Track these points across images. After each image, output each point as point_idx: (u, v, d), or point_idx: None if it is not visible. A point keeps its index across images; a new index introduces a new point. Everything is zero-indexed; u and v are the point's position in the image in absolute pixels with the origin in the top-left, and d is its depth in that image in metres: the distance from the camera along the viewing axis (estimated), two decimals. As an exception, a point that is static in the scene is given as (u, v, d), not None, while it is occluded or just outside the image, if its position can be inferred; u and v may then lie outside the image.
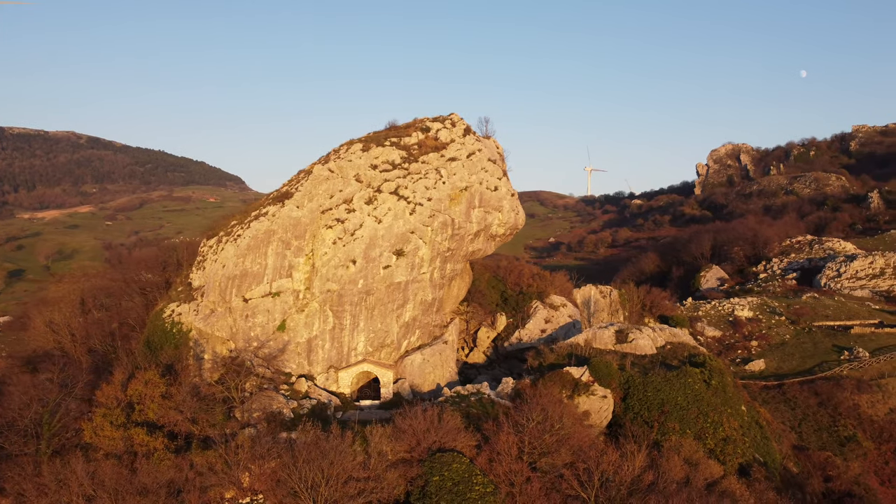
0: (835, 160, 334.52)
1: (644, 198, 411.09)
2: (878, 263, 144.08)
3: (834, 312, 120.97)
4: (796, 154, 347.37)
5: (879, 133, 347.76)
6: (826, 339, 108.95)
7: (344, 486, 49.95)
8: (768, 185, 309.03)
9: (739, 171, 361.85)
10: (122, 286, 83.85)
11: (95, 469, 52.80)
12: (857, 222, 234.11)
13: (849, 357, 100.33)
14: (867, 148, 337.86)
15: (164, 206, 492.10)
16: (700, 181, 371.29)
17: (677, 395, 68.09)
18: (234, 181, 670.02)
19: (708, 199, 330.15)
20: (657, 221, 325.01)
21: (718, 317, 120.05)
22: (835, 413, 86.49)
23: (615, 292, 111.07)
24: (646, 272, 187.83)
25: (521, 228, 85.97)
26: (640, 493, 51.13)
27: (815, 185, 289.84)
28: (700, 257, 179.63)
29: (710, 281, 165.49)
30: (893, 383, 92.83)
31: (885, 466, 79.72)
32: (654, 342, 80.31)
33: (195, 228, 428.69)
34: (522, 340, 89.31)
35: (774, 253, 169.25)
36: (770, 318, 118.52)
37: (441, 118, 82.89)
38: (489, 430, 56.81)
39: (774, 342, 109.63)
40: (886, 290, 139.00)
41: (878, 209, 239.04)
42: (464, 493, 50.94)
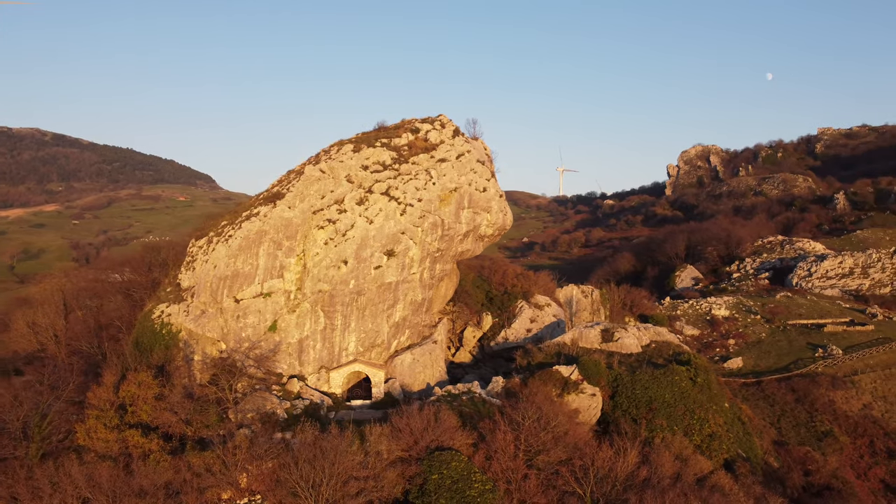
0: (801, 162, 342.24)
1: (616, 198, 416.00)
2: (847, 263, 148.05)
3: (807, 311, 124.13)
4: (764, 156, 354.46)
5: (844, 136, 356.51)
6: (800, 337, 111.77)
7: (344, 485, 50.34)
8: (738, 186, 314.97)
9: (709, 172, 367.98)
10: (107, 287, 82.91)
11: (91, 471, 52.40)
12: (823, 223, 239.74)
13: (823, 354, 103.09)
14: (832, 150, 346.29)
15: (133, 204, 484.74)
16: (671, 182, 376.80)
17: (664, 392, 69.62)
18: (205, 180, 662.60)
19: (679, 200, 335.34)
20: (629, 221, 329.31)
21: (696, 316, 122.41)
22: (811, 409, 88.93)
23: (596, 292, 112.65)
24: (621, 272, 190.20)
25: (508, 229, 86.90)
26: (634, 488, 52.33)
27: (783, 187, 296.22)
28: (675, 257, 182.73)
29: (684, 280, 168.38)
30: (866, 380, 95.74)
31: (860, 460, 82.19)
32: (640, 341, 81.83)
33: (165, 228, 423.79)
34: (509, 340, 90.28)
35: (747, 253, 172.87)
36: (746, 316, 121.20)
37: (430, 119, 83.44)
38: (486, 428, 57.60)
39: (751, 340, 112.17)
40: (855, 290, 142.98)
41: (843, 210, 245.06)
42: (463, 491, 51.62)
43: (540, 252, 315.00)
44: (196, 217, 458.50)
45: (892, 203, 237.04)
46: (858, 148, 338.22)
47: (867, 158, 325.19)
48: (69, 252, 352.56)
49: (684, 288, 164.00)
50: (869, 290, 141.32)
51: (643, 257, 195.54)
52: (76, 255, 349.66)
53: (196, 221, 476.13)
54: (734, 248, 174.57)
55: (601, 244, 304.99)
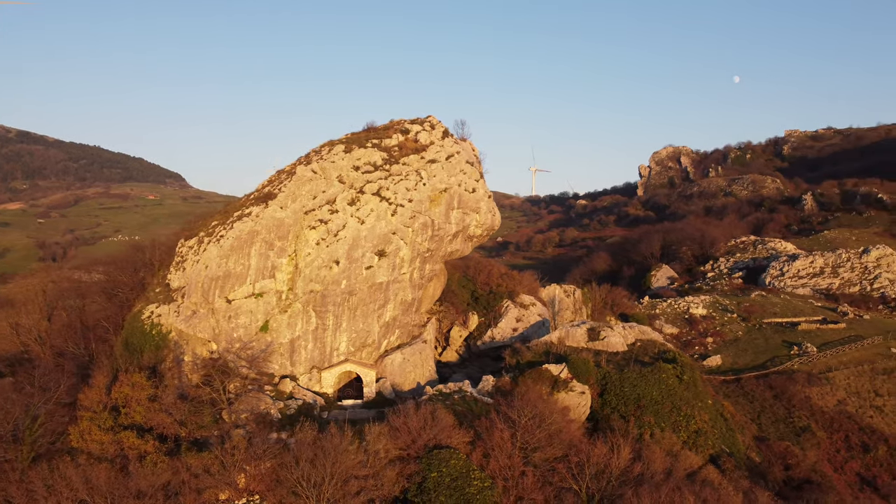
0: (769, 163, 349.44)
1: (588, 198, 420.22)
2: (817, 263, 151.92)
3: (781, 310, 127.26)
4: (733, 157, 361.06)
5: (810, 138, 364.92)
6: (776, 335, 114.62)
7: (345, 484, 50.74)
8: (708, 187, 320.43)
9: (680, 173, 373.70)
10: (90, 287, 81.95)
11: (89, 473, 52.07)
12: (792, 223, 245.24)
13: (798, 352, 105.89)
14: (799, 152, 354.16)
15: (101, 203, 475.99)
16: (643, 182, 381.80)
17: (652, 390, 71.10)
18: (175, 178, 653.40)
19: (651, 200, 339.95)
20: (602, 221, 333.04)
21: (675, 314, 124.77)
22: (789, 405, 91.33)
23: (578, 291, 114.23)
24: (598, 271, 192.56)
25: (496, 229, 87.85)
26: (629, 483, 53.54)
27: (753, 187, 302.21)
28: (650, 257, 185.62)
29: (660, 280, 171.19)
30: (840, 377, 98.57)
31: (836, 455, 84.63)
32: (625, 339, 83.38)
33: (134, 227, 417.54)
34: (496, 339, 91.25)
35: (721, 253, 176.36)
36: (723, 315, 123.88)
37: (420, 120, 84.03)
38: (482, 426, 58.39)
39: (728, 338, 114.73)
40: (826, 289, 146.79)
41: (811, 211, 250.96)
42: (462, 489, 52.35)
43: (514, 252, 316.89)
44: (166, 216, 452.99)
45: (857, 204, 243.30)
46: (824, 150, 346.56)
47: (832, 160, 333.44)
48: (35, 252, 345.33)
49: (660, 287, 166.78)
50: (839, 289, 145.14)
51: (619, 257, 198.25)
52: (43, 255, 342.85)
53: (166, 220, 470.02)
54: (708, 248, 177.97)
55: (575, 244, 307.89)
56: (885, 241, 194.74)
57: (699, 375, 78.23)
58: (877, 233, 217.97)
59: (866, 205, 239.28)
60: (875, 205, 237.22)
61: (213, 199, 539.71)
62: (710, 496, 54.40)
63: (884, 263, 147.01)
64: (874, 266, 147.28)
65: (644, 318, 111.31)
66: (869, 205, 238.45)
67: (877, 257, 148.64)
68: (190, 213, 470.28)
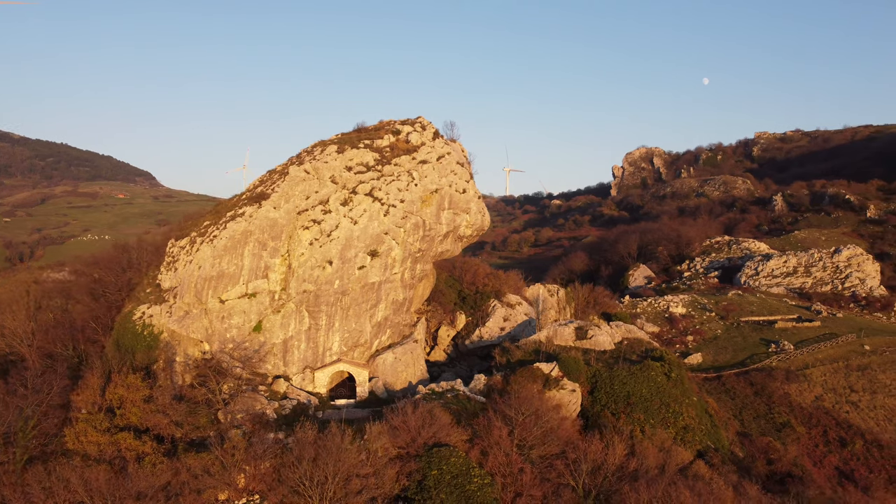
0: (739, 164, 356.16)
1: (562, 198, 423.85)
2: (791, 262, 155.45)
3: (758, 308, 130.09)
4: (705, 158, 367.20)
5: (779, 140, 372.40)
6: (753, 333, 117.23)
7: (347, 483, 51.13)
8: (681, 188, 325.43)
9: (653, 174, 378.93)
10: (77, 287, 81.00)
11: (87, 475, 51.74)
12: (763, 223, 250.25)
13: (776, 350, 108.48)
14: (768, 153, 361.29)
15: (69, 202, 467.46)
16: (616, 183, 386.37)
17: (641, 387, 72.56)
18: (145, 177, 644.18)
19: (625, 200, 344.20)
20: (577, 221, 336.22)
21: (655, 313, 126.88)
22: (769, 401, 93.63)
23: (562, 291, 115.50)
24: (576, 271, 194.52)
25: (486, 230, 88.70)
26: (625, 479, 54.75)
27: (724, 188, 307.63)
28: (627, 256, 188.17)
29: (637, 279, 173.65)
30: (816, 373, 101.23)
31: (815, 449, 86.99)
32: (613, 338, 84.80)
33: (104, 226, 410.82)
34: (484, 338, 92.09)
35: (696, 252, 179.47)
36: (701, 314, 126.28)
37: (410, 121, 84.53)
38: (480, 424, 59.17)
39: (708, 337, 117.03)
40: (799, 287, 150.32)
41: (781, 211, 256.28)
42: (463, 486, 53.06)
43: (490, 251, 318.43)
44: (136, 215, 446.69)
45: (826, 205, 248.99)
46: (792, 151, 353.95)
47: (800, 161, 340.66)
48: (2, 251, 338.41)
49: (637, 286, 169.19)
50: (812, 288, 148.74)
51: (596, 256, 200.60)
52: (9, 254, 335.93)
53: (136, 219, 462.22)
54: (684, 248, 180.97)
55: (550, 243, 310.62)
56: (853, 240, 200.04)
57: (685, 373, 79.89)
58: (845, 233, 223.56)
59: (834, 206, 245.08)
60: (843, 206, 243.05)
61: (185, 197, 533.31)
62: (703, 490, 55.82)
63: (854, 263, 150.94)
64: (845, 266, 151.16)
65: (627, 317, 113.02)
66: (837, 206, 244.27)
67: (848, 257, 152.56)
68: (161, 212, 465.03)
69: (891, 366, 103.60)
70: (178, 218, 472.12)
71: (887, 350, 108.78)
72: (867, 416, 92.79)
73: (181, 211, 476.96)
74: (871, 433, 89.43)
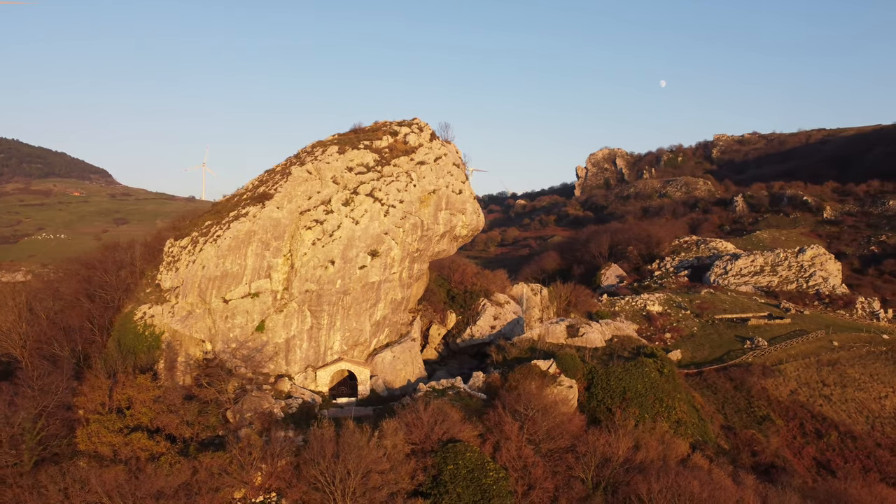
0: (699, 166, 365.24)
1: (527, 198, 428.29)
2: (758, 262, 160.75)
3: (730, 306, 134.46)
4: (666, 159, 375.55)
5: (737, 142, 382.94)
6: (728, 330, 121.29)
7: (366, 478, 52.06)
8: (644, 188, 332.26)
9: (616, 174, 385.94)
10: (72, 287, 79.87)
11: (104, 475, 51.67)
12: (725, 223, 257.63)
13: (751, 346, 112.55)
14: (727, 155, 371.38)
15: (21, 199, 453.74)
16: (580, 183, 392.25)
17: (636, 383, 75.01)
18: (100, 174, 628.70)
19: (589, 201, 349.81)
20: (543, 221, 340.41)
21: (633, 311, 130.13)
22: (748, 396, 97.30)
23: (545, 290, 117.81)
24: (547, 270, 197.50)
25: (480, 230, 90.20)
26: (634, 470, 56.89)
27: (686, 189, 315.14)
28: (599, 256, 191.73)
29: (609, 278, 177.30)
30: (790, 368, 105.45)
31: (793, 441, 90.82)
32: (603, 335, 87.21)
33: (59, 224, 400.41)
34: (475, 337, 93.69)
35: (666, 252, 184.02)
36: (677, 311, 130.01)
37: (407, 122, 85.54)
38: (490, 420, 60.66)
39: (685, 334, 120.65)
40: (766, 286, 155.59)
41: (742, 212, 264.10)
42: (479, 480, 54.47)
43: (458, 251, 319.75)
44: (93, 213, 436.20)
45: (784, 206, 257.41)
46: (750, 153, 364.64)
47: (757, 163, 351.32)
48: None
49: (610, 285, 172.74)
50: (778, 287, 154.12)
51: (567, 256, 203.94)
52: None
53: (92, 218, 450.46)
54: (654, 248, 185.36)
55: (517, 243, 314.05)
56: (811, 240, 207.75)
57: (675, 369, 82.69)
58: (803, 233, 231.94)
59: (792, 206, 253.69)
60: (800, 207, 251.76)
61: (143, 195, 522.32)
62: (705, 479, 58.31)
63: (818, 262, 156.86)
64: (809, 265, 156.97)
65: (608, 315, 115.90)
66: (795, 206, 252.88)
67: (811, 256, 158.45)
68: (119, 210, 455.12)
69: (858, 361, 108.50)
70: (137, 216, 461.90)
71: (854, 346, 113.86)
72: (839, 409, 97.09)
73: (139, 209, 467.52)
74: (845, 425, 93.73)
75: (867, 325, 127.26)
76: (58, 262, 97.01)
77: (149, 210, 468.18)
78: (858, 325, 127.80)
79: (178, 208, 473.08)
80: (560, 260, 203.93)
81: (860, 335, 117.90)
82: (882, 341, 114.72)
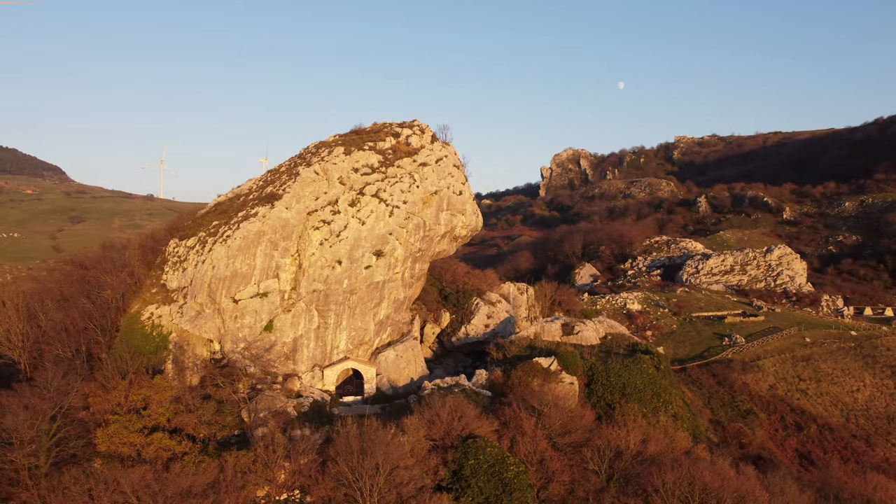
0: (661, 167, 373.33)
1: (492, 198, 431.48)
2: (728, 261, 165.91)
3: (705, 304, 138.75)
4: (629, 160, 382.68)
5: (697, 144, 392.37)
6: (706, 327, 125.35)
7: (393, 473, 53.16)
8: (608, 189, 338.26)
9: (580, 175, 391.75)
10: (73, 288, 78.72)
11: (132, 475, 51.70)
12: (689, 224, 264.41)
13: (729, 343, 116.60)
14: (688, 157, 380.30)
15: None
16: (545, 183, 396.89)
17: (635, 378, 77.46)
18: (54, 171, 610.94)
19: (555, 201, 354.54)
20: (510, 221, 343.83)
21: (614, 310, 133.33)
22: (731, 391, 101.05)
23: (531, 289, 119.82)
24: (521, 269, 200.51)
25: (479, 230, 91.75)
26: (646, 463, 59.09)
27: (649, 190, 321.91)
28: (572, 255, 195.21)
29: (583, 277, 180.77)
30: (768, 364, 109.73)
31: (776, 434, 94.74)
32: (597, 333, 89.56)
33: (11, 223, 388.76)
34: (470, 335, 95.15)
35: (638, 252, 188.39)
36: (656, 310, 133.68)
37: (407, 124, 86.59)
38: (506, 415, 62.26)
39: (665, 331, 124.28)
40: (736, 285, 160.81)
41: (705, 212, 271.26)
42: (500, 474, 56.02)
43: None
44: (46, 211, 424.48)
45: (746, 207, 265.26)
46: (710, 155, 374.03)
47: (717, 165, 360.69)
48: None
49: (584, 284, 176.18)
50: (747, 285, 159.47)
51: (540, 255, 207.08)
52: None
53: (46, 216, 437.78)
54: (626, 248, 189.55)
55: (484, 242, 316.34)
56: (772, 240, 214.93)
57: (670, 366, 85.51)
58: (764, 233, 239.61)
59: (754, 207, 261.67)
60: (761, 207, 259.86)
61: (100, 193, 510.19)
62: (710, 469, 60.89)
63: (784, 262, 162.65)
64: (776, 264, 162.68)
65: (593, 314, 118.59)
66: (756, 207, 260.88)
67: (778, 256, 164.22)
68: (75, 208, 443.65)
69: (830, 356, 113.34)
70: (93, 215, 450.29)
71: (825, 342, 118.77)
72: (816, 403, 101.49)
73: (96, 208, 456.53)
74: (822, 418, 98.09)
75: (834, 322, 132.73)
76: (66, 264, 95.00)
77: (106, 208, 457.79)
78: (826, 321, 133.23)
79: (137, 207, 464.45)
80: (533, 259, 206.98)
81: (830, 332, 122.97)
82: (850, 337, 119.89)
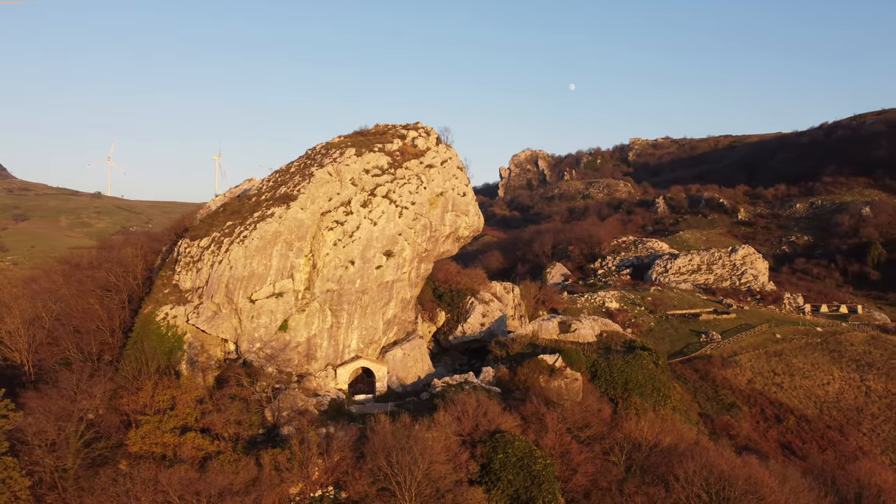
0: (617, 168, 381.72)
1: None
2: (695, 261, 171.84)
3: (678, 303, 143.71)
4: (586, 161, 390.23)
5: (651, 146, 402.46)
6: (682, 325, 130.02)
7: (430, 468, 54.64)
8: (567, 189, 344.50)
9: (538, 176, 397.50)
10: (77, 289, 77.33)
11: (172, 475, 51.95)
12: (648, 224, 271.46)
13: (706, 339, 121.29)
14: (642, 158, 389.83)
15: None
16: (503, 184, 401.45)
17: (637, 374, 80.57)
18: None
19: (514, 201, 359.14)
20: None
21: (593, 308, 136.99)
22: (714, 385, 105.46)
23: (516, 288, 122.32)
24: (492, 268, 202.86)
25: (480, 231, 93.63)
26: (663, 454, 61.98)
27: (608, 191, 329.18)
28: (542, 255, 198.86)
29: (555, 277, 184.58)
30: (744, 359, 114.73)
31: (758, 426, 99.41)
32: (594, 331, 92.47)
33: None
34: (466, 334, 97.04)
35: (607, 251, 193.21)
36: (633, 308, 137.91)
37: (411, 126, 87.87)
38: (527, 410, 64.36)
39: (644, 329, 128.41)
40: (703, 283, 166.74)
41: (664, 213, 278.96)
42: (529, 467, 58.03)
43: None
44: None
45: (702, 208, 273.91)
46: (664, 157, 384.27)
47: (671, 166, 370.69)
48: None
49: (555, 283, 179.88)
50: (714, 284, 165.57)
51: (510, 255, 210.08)
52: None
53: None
54: (595, 247, 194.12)
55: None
56: (729, 240, 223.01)
57: (667, 362, 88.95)
58: (721, 233, 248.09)
59: (710, 208, 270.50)
60: (717, 208, 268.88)
61: (44, 191, 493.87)
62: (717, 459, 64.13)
63: (748, 261, 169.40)
64: (741, 263, 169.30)
65: (577, 312, 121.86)
66: (712, 208, 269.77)
67: (743, 256, 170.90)
68: (18, 206, 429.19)
69: (800, 351, 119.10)
70: (38, 213, 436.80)
71: (794, 338, 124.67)
72: (791, 396, 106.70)
73: (41, 205, 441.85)
74: (798, 410, 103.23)
75: (799, 319, 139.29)
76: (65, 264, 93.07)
77: (52, 206, 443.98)
78: (792, 318, 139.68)
79: (84, 204, 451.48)
80: (503, 259, 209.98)
81: (797, 328, 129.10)
82: (816, 333, 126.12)
